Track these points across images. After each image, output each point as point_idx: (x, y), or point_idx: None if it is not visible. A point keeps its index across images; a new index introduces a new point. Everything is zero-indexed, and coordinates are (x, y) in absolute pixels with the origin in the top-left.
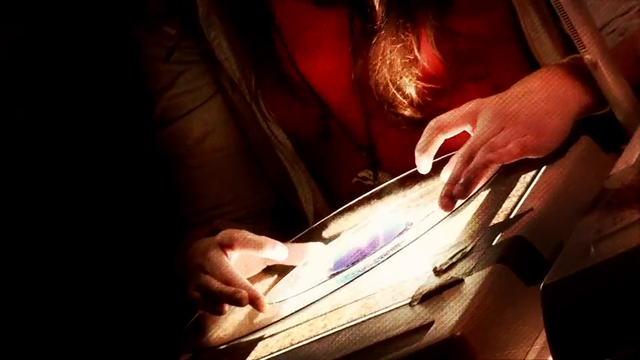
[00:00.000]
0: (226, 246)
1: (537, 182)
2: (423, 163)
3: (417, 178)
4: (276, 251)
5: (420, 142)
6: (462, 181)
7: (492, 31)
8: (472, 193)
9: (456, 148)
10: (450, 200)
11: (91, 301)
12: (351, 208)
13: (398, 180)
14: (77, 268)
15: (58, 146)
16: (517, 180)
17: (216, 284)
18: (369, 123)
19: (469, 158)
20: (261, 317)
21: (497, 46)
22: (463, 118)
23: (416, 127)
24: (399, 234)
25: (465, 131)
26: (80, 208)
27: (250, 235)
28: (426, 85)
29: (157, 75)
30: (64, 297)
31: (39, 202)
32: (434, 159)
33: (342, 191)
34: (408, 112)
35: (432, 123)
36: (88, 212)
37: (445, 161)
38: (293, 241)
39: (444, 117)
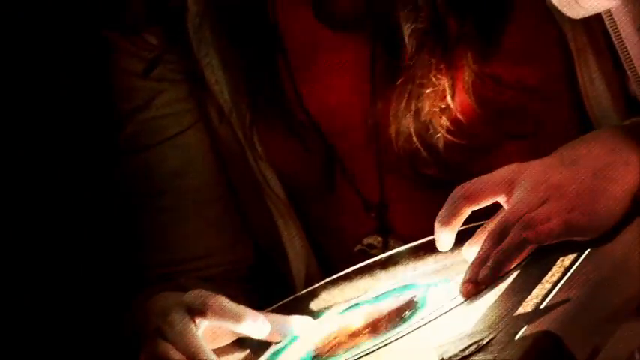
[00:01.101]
0: (197, 312)
1: (578, 268)
2: (444, 238)
3: (433, 248)
4: (258, 325)
5: (441, 212)
6: (490, 263)
7: (543, 83)
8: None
9: (484, 217)
10: (474, 286)
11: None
12: (348, 277)
13: (409, 248)
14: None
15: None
16: (553, 262)
17: (176, 357)
18: (382, 178)
19: (501, 235)
20: None
21: (546, 101)
22: (497, 187)
23: (439, 189)
24: (404, 316)
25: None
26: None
27: (227, 303)
28: (456, 141)
29: (130, 92)
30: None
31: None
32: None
33: (340, 258)
34: (431, 172)
35: (458, 190)
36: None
37: (470, 232)
38: (273, 310)
39: (474, 183)
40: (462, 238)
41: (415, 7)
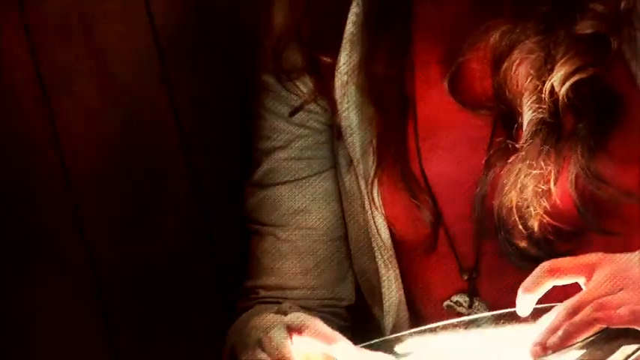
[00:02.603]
0: (295, 329)
1: (638, 358)
2: (525, 303)
3: (513, 318)
4: (345, 351)
5: (527, 280)
6: (560, 332)
7: None
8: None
9: (561, 301)
10: (542, 349)
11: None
12: (433, 330)
13: (493, 315)
14: None
15: None
16: (617, 348)
17: None
18: (479, 246)
19: (575, 311)
20: None
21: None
22: (580, 268)
23: (527, 263)
24: None
25: (577, 283)
26: None
27: (322, 326)
28: (551, 222)
29: (273, 132)
30: None
31: None
32: (536, 304)
33: (428, 311)
34: (524, 245)
35: (545, 264)
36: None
37: (548, 310)
38: (363, 347)
39: (560, 261)
40: (539, 316)
41: (539, 99)
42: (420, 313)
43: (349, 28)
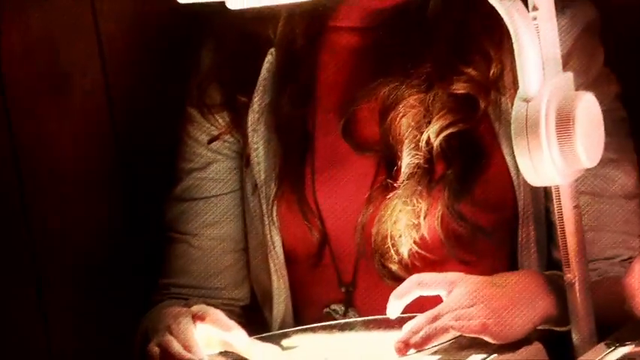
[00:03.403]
0: (198, 317)
1: None
2: (394, 307)
3: (382, 325)
4: (239, 338)
5: (398, 288)
6: (421, 333)
7: (493, 229)
8: (425, 348)
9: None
10: (405, 346)
11: None
12: (313, 330)
13: (364, 321)
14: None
15: None
16: (467, 356)
17: (176, 346)
18: (358, 265)
19: (435, 318)
20: None
21: (492, 242)
22: (442, 283)
23: (396, 283)
24: None
25: (439, 296)
26: None
27: (222, 316)
28: (418, 251)
29: (193, 155)
30: None
31: None
32: (403, 314)
33: (310, 315)
34: (394, 268)
35: (414, 276)
36: None
37: (411, 318)
38: (255, 338)
39: (427, 275)
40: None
41: (416, 146)
42: (303, 316)
43: (263, 74)
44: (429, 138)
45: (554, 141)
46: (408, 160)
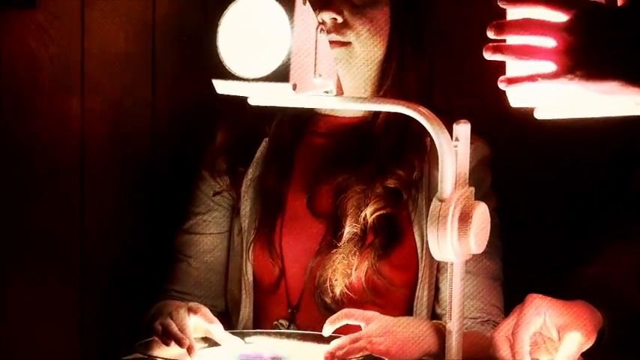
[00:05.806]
0: (192, 310)
1: None
2: (328, 329)
3: (314, 339)
4: (218, 330)
5: (332, 316)
6: (345, 349)
7: (400, 285)
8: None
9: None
10: (331, 356)
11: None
12: (267, 334)
13: (301, 334)
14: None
15: None
16: None
17: (174, 327)
18: (303, 295)
19: (355, 340)
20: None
21: (399, 294)
22: (364, 317)
23: (328, 312)
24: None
25: (360, 325)
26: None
27: (209, 312)
28: (347, 293)
29: (200, 202)
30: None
31: None
32: (334, 333)
33: (264, 324)
34: (329, 302)
35: (344, 310)
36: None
37: (337, 337)
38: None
39: (353, 310)
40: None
41: (356, 220)
42: (259, 324)
43: (258, 155)
44: (365, 216)
45: (455, 232)
46: (348, 229)
